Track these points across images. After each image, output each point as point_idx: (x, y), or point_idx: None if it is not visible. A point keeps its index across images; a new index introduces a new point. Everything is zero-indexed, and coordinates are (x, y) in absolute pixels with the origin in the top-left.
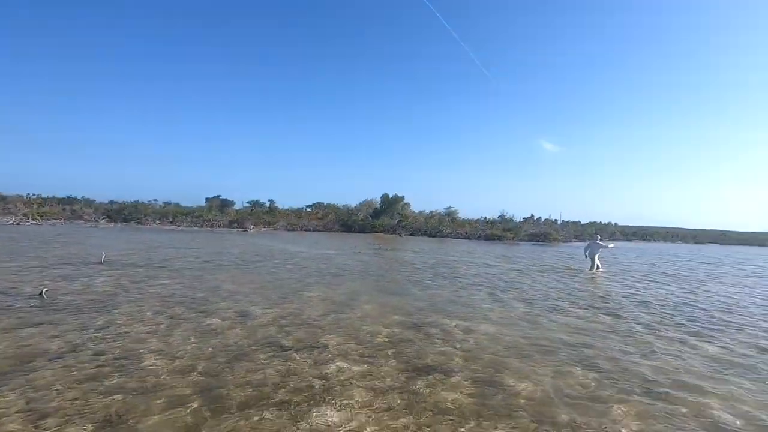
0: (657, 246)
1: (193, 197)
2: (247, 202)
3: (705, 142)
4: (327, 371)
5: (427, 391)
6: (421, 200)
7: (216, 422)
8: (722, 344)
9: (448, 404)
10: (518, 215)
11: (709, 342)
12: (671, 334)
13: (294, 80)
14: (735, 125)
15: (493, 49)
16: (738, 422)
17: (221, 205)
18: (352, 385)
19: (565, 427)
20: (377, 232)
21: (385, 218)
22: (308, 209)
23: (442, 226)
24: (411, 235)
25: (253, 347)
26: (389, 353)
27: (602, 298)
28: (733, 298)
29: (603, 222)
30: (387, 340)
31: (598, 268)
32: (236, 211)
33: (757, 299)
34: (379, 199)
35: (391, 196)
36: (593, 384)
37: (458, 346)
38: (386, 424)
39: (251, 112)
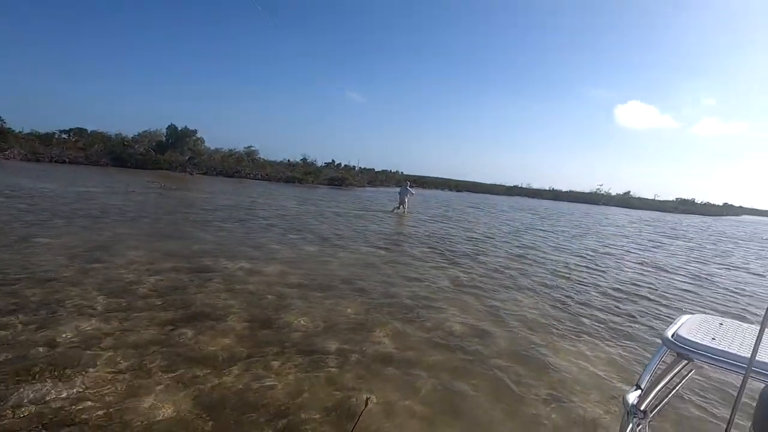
0: (433, 193)
1: None
2: None
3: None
4: (57, 335)
5: (193, 341)
6: (218, 138)
7: None
8: (463, 269)
9: (217, 350)
10: (320, 160)
11: (460, 267)
12: (437, 263)
13: None
14: (489, 94)
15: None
16: (461, 329)
17: None
18: (94, 347)
19: (332, 354)
20: (162, 169)
21: (173, 154)
22: (63, 136)
23: (241, 167)
24: (204, 174)
25: None
26: (153, 304)
27: (386, 236)
28: (490, 233)
29: (392, 170)
30: (152, 289)
31: (403, 209)
32: None
33: (505, 229)
34: (165, 131)
35: (180, 128)
36: (362, 313)
37: (239, 288)
38: (134, 384)
39: None
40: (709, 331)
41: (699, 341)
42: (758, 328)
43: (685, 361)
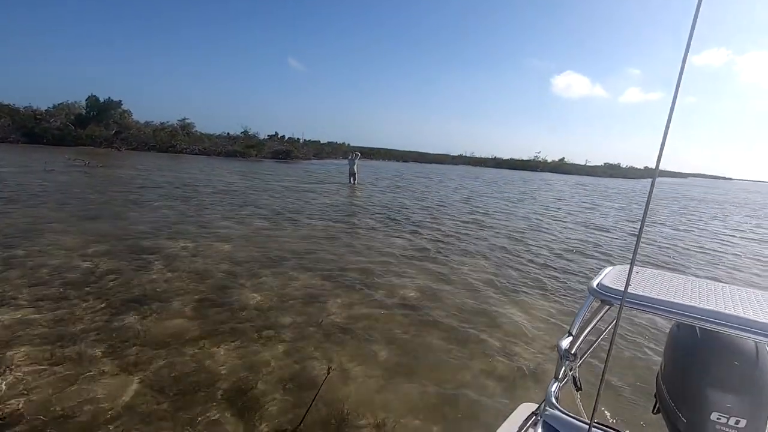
0: (381, 164)
1: None
2: None
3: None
4: None
5: (139, 325)
6: (148, 110)
7: None
8: (409, 238)
9: (166, 333)
10: (263, 132)
11: (405, 234)
12: (389, 232)
13: None
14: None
15: None
16: (412, 294)
17: None
18: (23, 339)
19: (287, 327)
20: (85, 145)
21: (96, 128)
22: None
23: (176, 141)
24: (134, 149)
25: None
26: (89, 290)
27: (338, 208)
28: (442, 202)
29: (338, 142)
30: (87, 275)
31: (354, 181)
32: None
33: (456, 197)
34: (84, 103)
35: (103, 100)
36: (316, 285)
37: (184, 268)
38: (76, 373)
39: None
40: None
41: (618, 287)
42: (665, 273)
43: (608, 306)
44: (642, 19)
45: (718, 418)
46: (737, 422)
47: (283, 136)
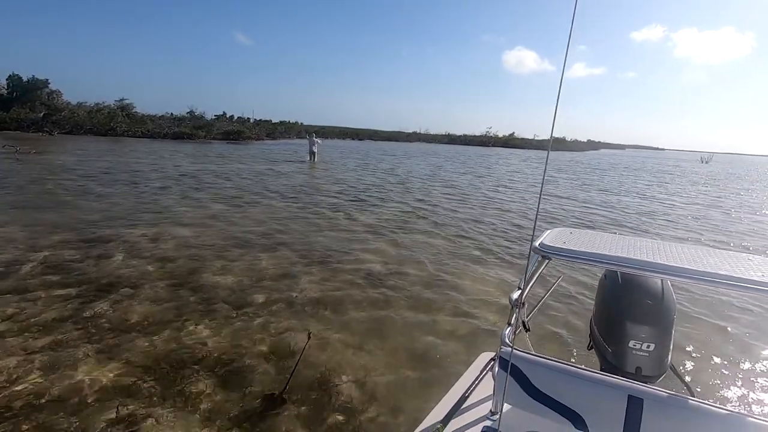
0: (336, 143)
1: None
2: None
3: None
4: None
5: (111, 311)
6: (80, 91)
7: None
8: (373, 214)
9: (140, 317)
10: (210, 113)
11: (368, 211)
12: (347, 211)
13: None
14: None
15: None
16: (379, 268)
17: None
18: None
19: (261, 304)
20: (9, 129)
21: (20, 110)
22: None
23: (116, 123)
24: (69, 133)
25: None
26: (50, 281)
27: (293, 188)
28: (408, 178)
29: (291, 121)
30: (43, 266)
31: (313, 160)
32: None
33: (424, 173)
34: (5, 83)
35: (26, 79)
36: (283, 264)
37: (147, 255)
38: (57, 361)
39: None
40: (562, 238)
41: (554, 245)
42: (592, 232)
43: (547, 260)
44: None
45: (634, 345)
46: (648, 346)
47: (232, 116)
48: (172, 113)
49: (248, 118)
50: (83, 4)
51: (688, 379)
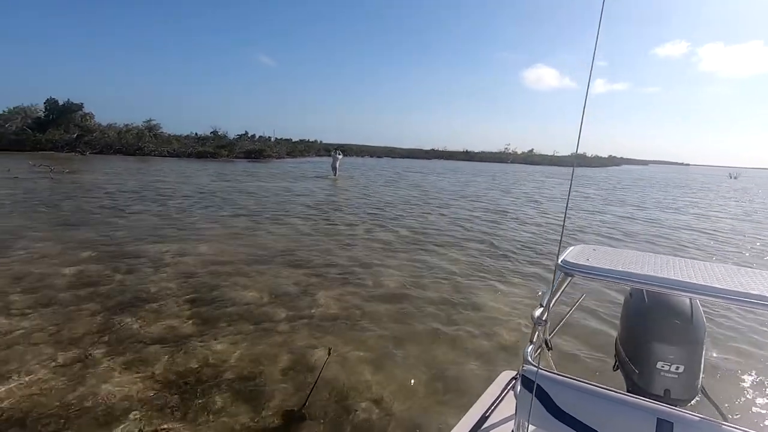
0: (354, 160)
1: None
2: None
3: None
4: None
5: (136, 326)
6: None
7: None
8: (392, 230)
9: (164, 332)
10: (232, 132)
11: (388, 229)
12: (367, 227)
13: None
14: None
15: None
16: (393, 285)
17: None
18: (23, 344)
19: (281, 321)
20: (45, 150)
21: (56, 132)
22: None
23: (143, 143)
24: (99, 153)
25: None
26: (80, 295)
27: (315, 204)
28: (434, 195)
29: (310, 140)
30: (74, 280)
31: (335, 174)
32: None
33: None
34: (42, 106)
35: (62, 102)
36: (304, 280)
37: (171, 270)
38: (84, 374)
39: None
40: (585, 255)
41: (578, 262)
42: (617, 249)
43: (570, 278)
44: (608, 11)
45: (662, 366)
46: (677, 368)
47: (254, 135)
48: (196, 133)
49: (269, 136)
50: (115, 35)
51: (720, 403)
